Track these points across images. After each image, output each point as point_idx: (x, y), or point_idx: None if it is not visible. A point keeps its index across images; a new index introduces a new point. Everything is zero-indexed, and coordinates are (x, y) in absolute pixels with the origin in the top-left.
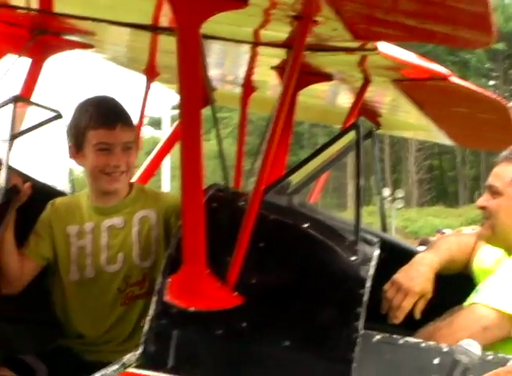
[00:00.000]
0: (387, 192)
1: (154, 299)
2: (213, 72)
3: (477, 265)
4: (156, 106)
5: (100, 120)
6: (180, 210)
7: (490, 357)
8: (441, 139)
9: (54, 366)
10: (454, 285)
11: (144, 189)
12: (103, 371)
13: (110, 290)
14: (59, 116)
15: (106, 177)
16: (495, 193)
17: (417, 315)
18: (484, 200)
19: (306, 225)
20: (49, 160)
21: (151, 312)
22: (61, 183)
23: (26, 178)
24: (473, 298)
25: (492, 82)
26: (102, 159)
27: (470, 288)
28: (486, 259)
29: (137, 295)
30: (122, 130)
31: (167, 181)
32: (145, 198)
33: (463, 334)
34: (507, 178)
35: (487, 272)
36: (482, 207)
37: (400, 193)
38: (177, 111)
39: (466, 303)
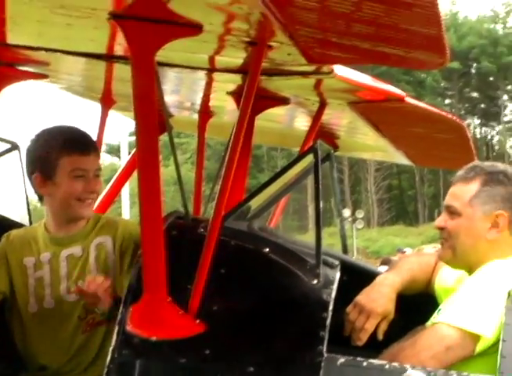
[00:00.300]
0: (347, 213)
1: (116, 330)
2: (169, 99)
3: (439, 285)
4: (113, 133)
5: (74, 146)
6: (138, 236)
7: None
8: (400, 159)
9: None
10: (416, 305)
11: (100, 217)
12: None
13: (71, 319)
14: (15, 147)
15: (79, 203)
16: (453, 213)
17: (380, 336)
18: (442, 220)
19: (267, 249)
20: (7, 191)
21: (113, 342)
22: (18, 214)
23: None
24: (435, 317)
25: (447, 101)
26: (79, 185)
27: (433, 308)
28: (447, 278)
29: (98, 322)
30: (94, 157)
31: (127, 208)
32: (101, 225)
33: (426, 354)
34: (466, 198)
35: (449, 291)
36: (441, 228)
37: (360, 214)
38: (134, 138)
39: (428, 323)
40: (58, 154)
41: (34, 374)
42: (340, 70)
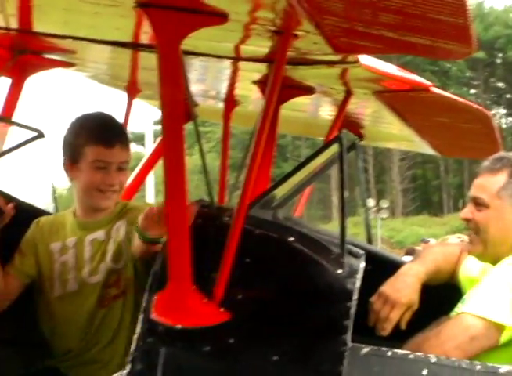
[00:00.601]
0: (371, 203)
1: (140, 317)
2: (195, 87)
3: (464, 275)
4: (138, 121)
5: (99, 137)
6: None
7: (478, 367)
8: (424, 148)
9: None
10: (440, 295)
11: (127, 204)
12: None
13: (91, 299)
14: (40, 135)
15: (100, 194)
16: (480, 205)
17: (403, 326)
18: (468, 211)
19: (291, 239)
20: (32, 179)
21: (138, 330)
22: (44, 201)
23: (9, 198)
24: (460, 307)
25: (472, 91)
26: (98, 176)
27: (457, 298)
28: (472, 269)
29: (114, 296)
30: (120, 150)
31: (152, 197)
32: (124, 211)
33: (450, 345)
34: (493, 189)
35: (473, 282)
36: (467, 219)
37: (385, 204)
38: (159, 126)
39: (453, 313)
40: (84, 142)
41: (59, 359)
42: (365, 59)
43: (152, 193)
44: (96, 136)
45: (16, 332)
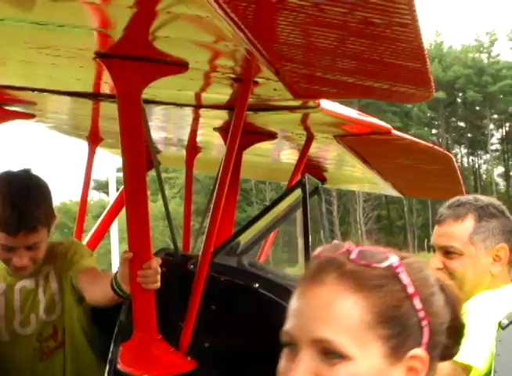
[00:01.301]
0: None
1: (107, 369)
2: (157, 135)
3: None
4: (101, 169)
5: (2, 225)
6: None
7: None
8: (387, 190)
9: None
10: None
11: (53, 246)
12: None
13: (27, 351)
14: None
15: (14, 268)
16: (453, 253)
17: None
18: (439, 261)
19: (256, 285)
20: None
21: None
22: None
23: None
24: None
25: (434, 131)
26: (8, 255)
27: None
28: None
29: (53, 348)
30: (25, 236)
31: (116, 244)
32: (48, 255)
33: None
34: (464, 236)
35: None
36: (439, 269)
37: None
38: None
39: None
40: None
41: None
42: (326, 104)
43: (116, 241)
44: (1, 223)
45: None
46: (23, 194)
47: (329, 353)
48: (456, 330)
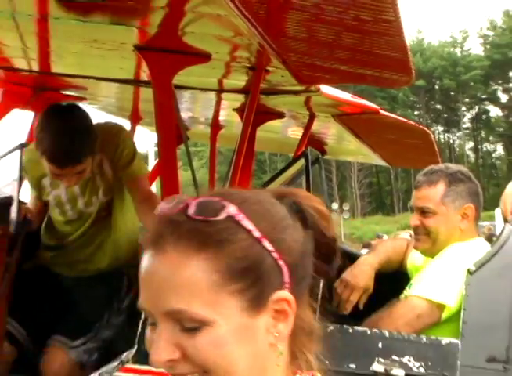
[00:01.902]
0: (335, 206)
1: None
2: (186, 115)
3: (410, 264)
4: (142, 144)
5: (51, 158)
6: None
7: (424, 340)
8: (377, 160)
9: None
10: (392, 281)
11: (101, 132)
12: (105, 368)
13: (88, 222)
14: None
15: None
16: (428, 212)
17: (361, 306)
18: (416, 219)
19: None
20: None
21: (143, 317)
22: None
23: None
24: (407, 291)
25: (416, 112)
26: (56, 177)
27: (405, 283)
28: (417, 259)
29: (104, 216)
30: (71, 167)
31: None
32: (98, 143)
33: (400, 322)
34: (437, 198)
35: (418, 269)
36: (416, 226)
37: (346, 207)
38: None
39: (402, 296)
40: (42, 152)
41: (52, 256)
42: (325, 88)
43: None
44: (48, 156)
45: None
46: (67, 130)
47: (187, 323)
48: (326, 249)
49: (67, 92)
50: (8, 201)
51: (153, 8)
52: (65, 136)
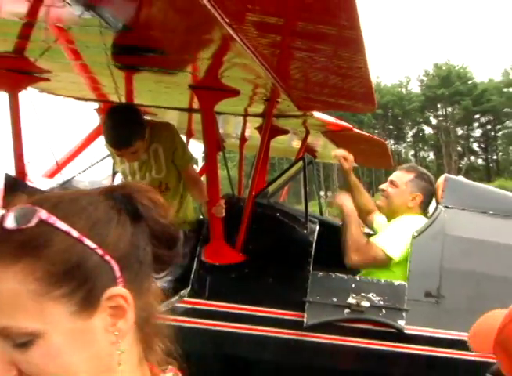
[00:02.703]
0: (322, 193)
1: (196, 260)
2: (223, 131)
3: (376, 224)
4: (194, 152)
5: (109, 144)
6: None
7: (383, 282)
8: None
9: None
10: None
11: (157, 127)
12: (168, 301)
13: None
14: None
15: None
16: (394, 185)
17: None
18: (386, 186)
19: (278, 214)
20: None
21: (195, 266)
22: None
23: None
24: (373, 237)
25: (376, 131)
26: (118, 154)
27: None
28: (381, 221)
29: (162, 191)
30: (125, 149)
31: None
32: (155, 134)
33: (366, 256)
34: (404, 179)
35: (381, 227)
36: (383, 189)
37: (329, 194)
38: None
39: (370, 239)
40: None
41: None
42: (316, 113)
43: None
44: (107, 140)
45: None
46: (117, 123)
47: (16, 339)
48: (166, 236)
49: (145, 117)
50: None
51: (201, 59)
52: (115, 128)
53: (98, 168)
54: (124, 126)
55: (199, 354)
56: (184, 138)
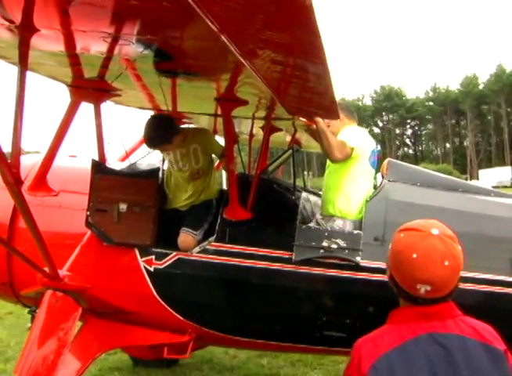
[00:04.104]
0: (306, 172)
1: (219, 217)
2: (237, 129)
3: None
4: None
5: (147, 145)
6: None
7: (346, 231)
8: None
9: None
10: None
11: (192, 132)
12: (201, 245)
13: (185, 178)
14: None
15: None
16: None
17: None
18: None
19: (276, 185)
20: None
21: (218, 221)
22: None
23: None
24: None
25: None
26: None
27: None
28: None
29: (197, 176)
30: (161, 148)
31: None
32: (194, 135)
33: (346, 151)
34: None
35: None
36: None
37: (311, 173)
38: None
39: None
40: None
41: (179, 204)
42: (301, 118)
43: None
44: (146, 144)
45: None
46: (151, 127)
47: None
48: None
49: (184, 120)
50: (157, 169)
51: (221, 79)
52: (149, 131)
53: (153, 155)
54: (153, 130)
55: (221, 280)
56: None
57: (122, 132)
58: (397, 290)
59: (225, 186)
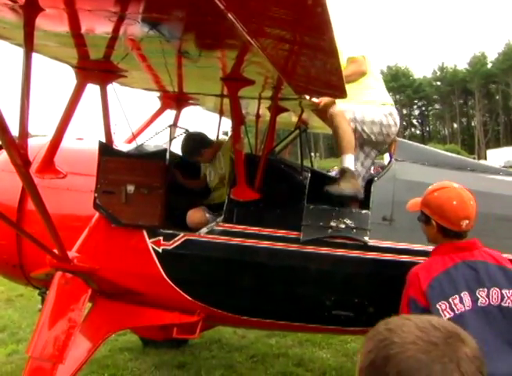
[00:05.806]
0: (312, 153)
1: (226, 197)
2: (244, 111)
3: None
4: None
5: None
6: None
7: (353, 211)
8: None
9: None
10: None
11: (218, 144)
12: (209, 225)
13: (215, 179)
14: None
15: None
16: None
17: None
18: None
19: (283, 166)
20: None
21: (226, 201)
22: None
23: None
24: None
25: None
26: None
27: None
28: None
29: (222, 181)
30: (193, 158)
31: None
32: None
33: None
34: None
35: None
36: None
37: (317, 154)
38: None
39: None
40: None
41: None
42: (307, 97)
43: None
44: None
45: None
46: (186, 142)
47: None
48: None
49: (190, 101)
50: (165, 150)
51: (228, 59)
52: (184, 146)
53: (159, 137)
54: (187, 145)
55: (229, 259)
56: (217, 116)
57: (129, 114)
58: (443, 233)
59: None
